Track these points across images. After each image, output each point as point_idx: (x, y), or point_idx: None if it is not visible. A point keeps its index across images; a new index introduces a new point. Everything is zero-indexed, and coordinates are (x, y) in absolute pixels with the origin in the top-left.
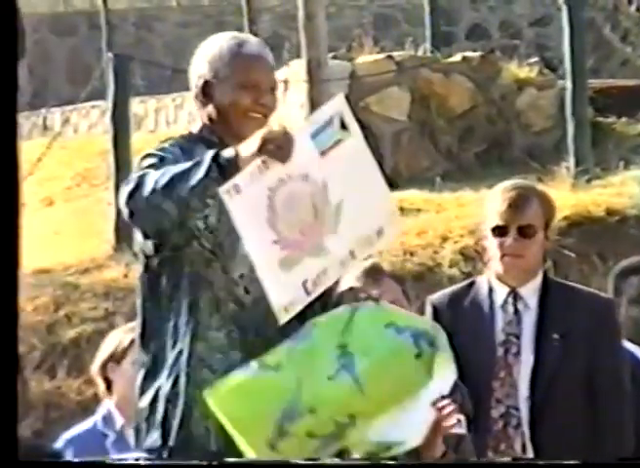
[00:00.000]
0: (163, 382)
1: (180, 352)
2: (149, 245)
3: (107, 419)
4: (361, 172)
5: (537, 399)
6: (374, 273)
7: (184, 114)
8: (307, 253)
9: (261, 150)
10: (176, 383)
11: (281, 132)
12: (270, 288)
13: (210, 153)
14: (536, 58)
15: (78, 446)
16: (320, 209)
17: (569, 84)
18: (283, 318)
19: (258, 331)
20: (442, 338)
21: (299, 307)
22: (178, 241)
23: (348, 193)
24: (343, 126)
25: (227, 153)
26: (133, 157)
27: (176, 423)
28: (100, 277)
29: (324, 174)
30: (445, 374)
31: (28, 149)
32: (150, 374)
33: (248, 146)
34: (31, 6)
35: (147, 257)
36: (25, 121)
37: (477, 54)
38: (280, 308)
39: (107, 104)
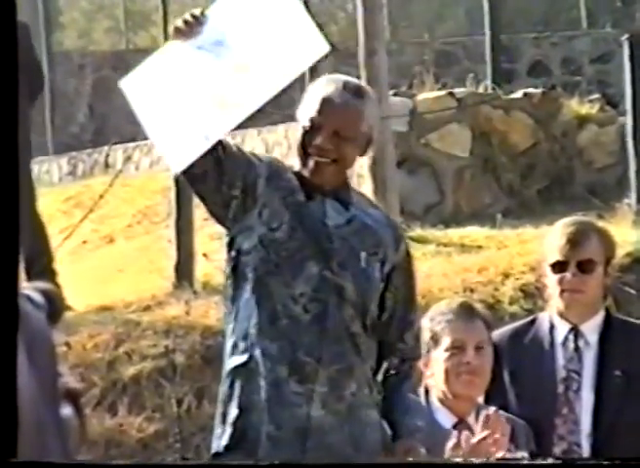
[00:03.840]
0: (224, 382)
1: (241, 354)
2: (225, 242)
3: None
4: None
5: (599, 436)
6: (466, 312)
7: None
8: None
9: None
10: (233, 382)
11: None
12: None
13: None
14: (597, 95)
15: None
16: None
17: (630, 120)
18: None
19: (308, 351)
20: None
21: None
22: (242, 244)
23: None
24: None
25: None
26: (193, 194)
27: (229, 425)
28: (161, 314)
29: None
30: None
31: (90, 186)
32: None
33: None
34: (94, 44)
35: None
36: (88, 158)
37: (538, 90)
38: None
39: None
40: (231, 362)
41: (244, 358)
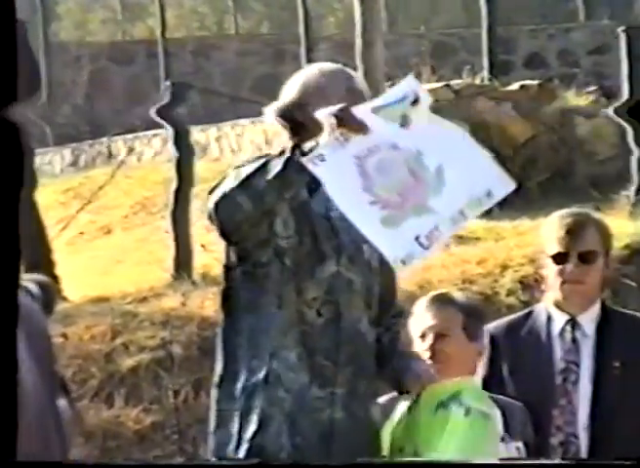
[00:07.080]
0: (238, 396)
1: (257, 369)
2: (233, 255)
3: None
4: (453, 140)
5: (597, 427)
6: (438, 301)
7: (246, 142)
8: (410, 212)
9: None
10: (250, 398)
11: (343, 110)
12: (380, 243)
13: (289, 145)
14: (594, 87)
15: None
16: (418, 173)
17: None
18: (401, 270)
19: (326, 355)
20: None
21: (417, 260)
22: (260, 257)
23: (446, 159)
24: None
25: (308, 144)
26: (195, 185)
27: (247, 437)
28: (158, 306)
29: (414, 143)
30: None
31: (92, 177)
32: (225, 388)
33: (325, 135)
34: (90, 35)
35: (230, 269)
36: (90, 149)
37: (535, 82)
38: (396, 260)
39: (168, 132)
40: (244, 382)
41: (261, 375)
